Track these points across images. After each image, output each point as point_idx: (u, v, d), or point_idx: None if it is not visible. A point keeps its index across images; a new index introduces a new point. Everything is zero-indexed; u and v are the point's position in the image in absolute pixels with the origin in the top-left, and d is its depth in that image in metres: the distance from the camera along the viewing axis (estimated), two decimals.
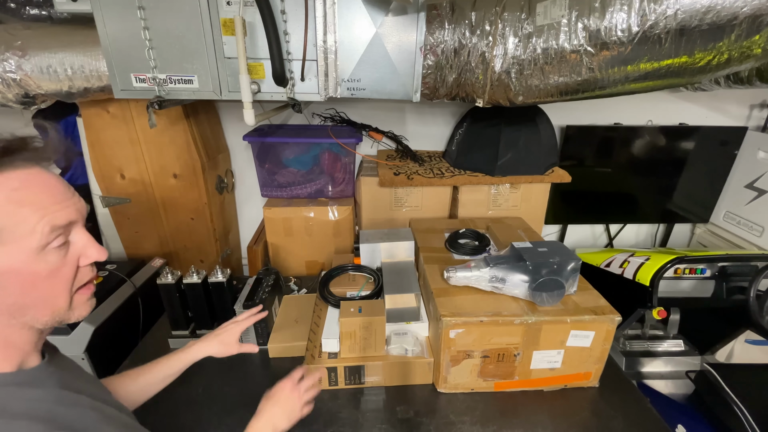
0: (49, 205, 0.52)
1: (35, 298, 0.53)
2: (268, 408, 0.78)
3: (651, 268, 1.47)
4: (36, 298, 0.53)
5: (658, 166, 1.89)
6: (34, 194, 0.51)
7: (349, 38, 1.09)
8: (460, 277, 1.10)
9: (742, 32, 0.88)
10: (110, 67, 1.09)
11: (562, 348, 1.06)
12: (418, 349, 1.13)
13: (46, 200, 0.52)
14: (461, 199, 1.64)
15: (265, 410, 0.77)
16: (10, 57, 1.14)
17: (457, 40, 1.11)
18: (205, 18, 1.04)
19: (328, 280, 1.36)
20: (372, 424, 1.02)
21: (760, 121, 1.89)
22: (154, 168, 1.56)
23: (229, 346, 0.94)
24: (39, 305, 0.53)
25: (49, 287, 0.53)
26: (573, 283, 1.09)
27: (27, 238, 0.50)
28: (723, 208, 1.96)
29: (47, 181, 0.53)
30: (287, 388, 0.81)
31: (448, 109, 1.83)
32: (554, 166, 1.67)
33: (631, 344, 1.52)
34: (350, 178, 1.67)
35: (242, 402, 1.08)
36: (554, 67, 1.05)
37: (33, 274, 0.51)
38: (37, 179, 0.52)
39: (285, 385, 0.82)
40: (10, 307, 0.51)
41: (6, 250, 0.49)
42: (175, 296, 1.22)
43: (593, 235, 2.20)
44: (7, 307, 0.51)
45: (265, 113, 1.32)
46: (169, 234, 1.69)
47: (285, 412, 0.78)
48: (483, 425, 1.02)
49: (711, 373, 1.28)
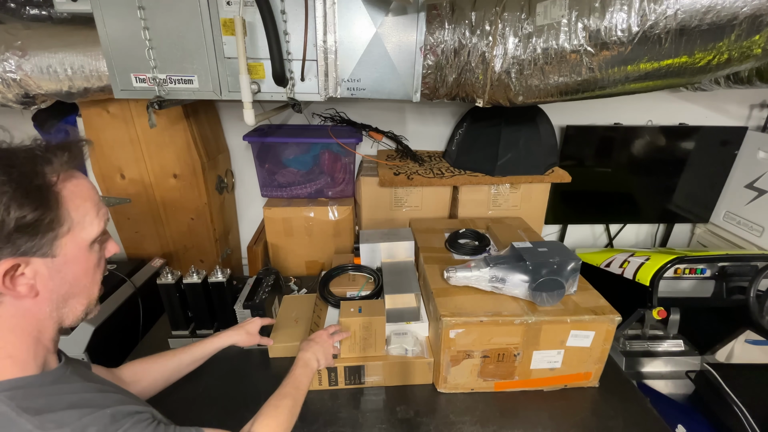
0: (98, 201, 0.58)
1: (82, 287, 0.58)
2: (311, 346, 0.93)
3: (651, 268, 1.47)
4: (82, 287, 0.58)
5: (658, 166, 1.89)
6: (90, 191, 0.58)
7: (349, 38, 1.09)
8: (460, 277, 1.10)
9: (742, 32, 0.88)
10: (110, 67, 1.09)
11: (562, 348, 1.06)
12: (418, 349, 1.13)
13: (96, 196, 0.58)
14: (461, 199, 1.64)
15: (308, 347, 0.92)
16: (10, 57, 1.14)
17: (457, 40, 1.11)
18: (205, 18, 1.04)
19: (328, 280, 1.36)
20: (372, 424, 1.02)
21: (760, 121, 1.89)
22: (154, 168, 1.56)
23: (253, 336, 1.04)
24: (82, 294, 0.58)
25: (92, 277, 0.59)
26: (573, 283, 1.09)
27: (88, 229, 0.56)
28: (723, 208, 1.96)
29: (89, 182, 0.59)
30: (324, 335, 0.99)
31: (448, 109, 1.83)
32: (554, 166, 1.67)
33: (631, 344, 1.52)
34: (350, 178, 1.67)
35: (242, 402, 1.08)
36: (554, 67, 1.05)
37: (87, 263, 0.58)
38: (84, 179, 0.58)
39: (322, 333, 1.00)
40: (61, 297, 0.56)
41: (73, 239, 0.54)
42: (175, 296, 1.22)
43: (593, 235, 2.20)
44: (59, 296, 0.56)
45: (265, 113, 1.32)
46: (169, 234, 1.69)
47: (323, 351, 0.94)
48: (483, 425, 1.02)
49: (711, 373, 1.28)
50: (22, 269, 0.51)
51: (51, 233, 0.52)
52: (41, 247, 0.51)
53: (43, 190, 0.51)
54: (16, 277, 0.51)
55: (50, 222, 0.51)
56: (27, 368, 0.53)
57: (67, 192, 0.53)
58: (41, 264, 0.52)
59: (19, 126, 1.61)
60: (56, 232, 0.52)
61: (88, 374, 0.64)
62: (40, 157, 0.52)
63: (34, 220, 0.49)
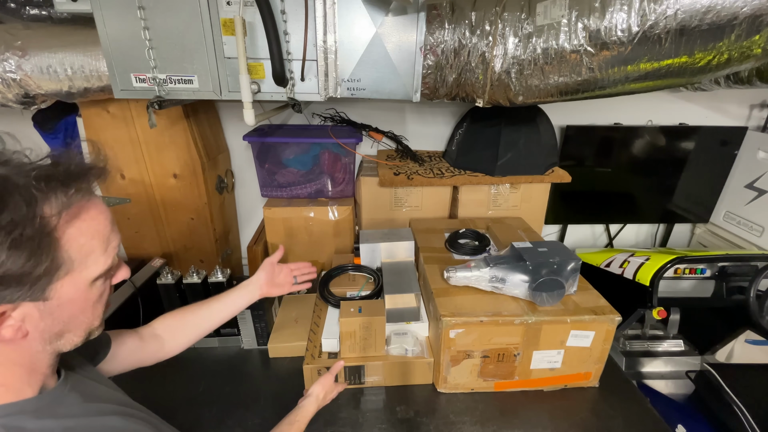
0: (109, 234, 0.53)
1: (79, 323, 0.54)
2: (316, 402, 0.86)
3: (651, 268, 1.47)
4: (79, 323, 0.54)
5: (658, 166, 1.89)
6: (100, 225, 0.52)
7: (349, 38, 1.09)
8: (460, 277, 1.10)
9: (742, 32, 0.87)
10: (110, 67, 1.09)
11: (562, 348, 1.06)
12: (418, 349, 1.13)
13: (106, 230, 0.53)
14: (461, 199, 1.63)
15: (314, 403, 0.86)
16: (10, 57, 1.14)
17: (457, 40, 1.11)
18: (205, 18, 1.04)
19: (328, 280, 1.36)
20: (372, 424, 1.02)
21: (760, 121, 1.89)
22: (154, 168, 1.56)
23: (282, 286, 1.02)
24: (79, 328, 0.54)
25: (92, 311, 0.54)
26: (573, 283, 1.09)
27: (91, 269, 0.51)
28: (723, 208, 1.95)
29: (105, 210, 0.54)
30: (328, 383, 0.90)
31: (448, 109, 1.83)
32: (554, 166, 1.67)
33: (631, 344, 1.52)
34: (350, 178, 1.67)
35: (242, 402, 1.08)
36: (554, 67, 1.05)
37: (86, 301, 0.53)
38: (99, 209, 0.53)
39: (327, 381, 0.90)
40: (54, 334, 0.52)
41: (71, 280, 0.50)
42: (175, 296, 1.22)
43: (593, 235, 2.20)
44: (52, 334, 0.51)
45: (265, 113, 1.31)
46: (169, 234, 1.69)
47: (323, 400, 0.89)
48: (483, 425, 1.02)
49: (711, 373, 1.28)
50: (8, 314, 0.46)
51: (44, 279, 0.47)
52: (31, 293, 0.46)
53: (37, 238, 0.44)
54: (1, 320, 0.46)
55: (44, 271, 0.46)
56: (22, 393, 0.50)
57: (69, 234, 0.48)
58: (31, 307, 0.47)
59: (19, 126, 1.61)
60: (50, 277, 0.47)
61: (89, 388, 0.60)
62: (40, 196, 0.45)
63: (23, 272, 0.44)
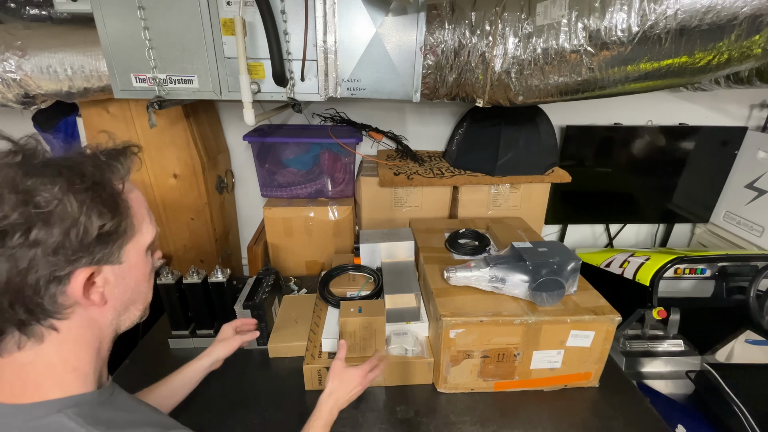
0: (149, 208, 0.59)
1: (141, 293, 0.59)
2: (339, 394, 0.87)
3: (651, 268, 1.47)
4: (141, 293, 0.59)
5: (658, 166, 1.89)
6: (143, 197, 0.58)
7: (349, 38, 1.09)
8: (460, 277, 1.10)
9: (742, 32, 0.88)
10: (110, 67, 1.09)
11: (562, 348, 1.06)
12: (418, 349, 1.13)
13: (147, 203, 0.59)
14: (461, 199, 1.63)
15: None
16: (10, 57, 1.14)
17: (457, 40, 1.11)
18: (205, 18, 1.04)
19: (328, 280, 1.36)
20: (372, 424, 1.02)
21: (760, 121, 1.89)
22: (154, 168, 1.56)
23: (229, 341, 0.98)
24: (140, 300, 0.59)
25: (149, 282, 0.60)
26: (573, 283, 1.09)
27: (146, 235, 0.57)
28: (723, 208, 1.96)
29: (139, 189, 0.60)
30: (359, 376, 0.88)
31: (448, 109, 1.83)
32: (554, 166, 1.67)
33: (631, 344, 1.52)
34: (350, 178, 1.67)
35: (242, 402, 1.08)
36: (554, 67, 1.05)
37: (146, 268, 0.58)
38: (136, 187, 0.58)
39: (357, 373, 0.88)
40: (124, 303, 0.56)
41: (135, 245, 0.55)
42: (175, 296, 1.21)
43: (593, 235, 2.20)
44: (122, 303, 0.56)
45: (265, 113, 1.31)
46: (169, 234, 1.69)
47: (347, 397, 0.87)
48: (483, 425, 1.02)
49: (711, 373, 1.28)
50: (94, 278, 0.51)
51: (121, 239, 0.52)
52: (112, 254, 0.51)
53: (116, 198, 0.51)
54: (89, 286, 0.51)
55: (124, 230, 0.52)
56: (87, 382, 0.53)
57: (131, 199, 0.54)
58: (110, 271, 0.52)
59: (20, 126, 1.61)
60: (125, 238, 0.53)
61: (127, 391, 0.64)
62: (105, 166, 0.52)
63: (112, 229, 0.50)
